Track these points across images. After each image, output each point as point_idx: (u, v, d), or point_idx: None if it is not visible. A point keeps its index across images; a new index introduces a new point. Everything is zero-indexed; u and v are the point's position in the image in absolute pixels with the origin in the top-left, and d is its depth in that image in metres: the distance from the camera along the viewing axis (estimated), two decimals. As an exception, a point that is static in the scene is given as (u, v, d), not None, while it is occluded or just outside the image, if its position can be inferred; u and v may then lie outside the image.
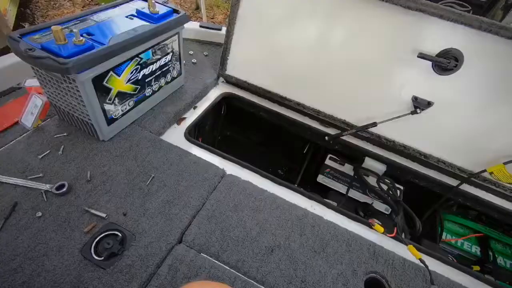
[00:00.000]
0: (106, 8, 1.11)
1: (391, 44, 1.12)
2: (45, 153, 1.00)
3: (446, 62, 1.04)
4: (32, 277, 0.73)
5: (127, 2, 1.18)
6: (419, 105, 1.16)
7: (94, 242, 0.81)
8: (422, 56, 1.05)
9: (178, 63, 1.30)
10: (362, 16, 1.11)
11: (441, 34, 1.04)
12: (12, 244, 0.78)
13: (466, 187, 1.27)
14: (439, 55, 1.06)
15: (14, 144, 1.02)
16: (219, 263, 0.84)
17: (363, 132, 1.31)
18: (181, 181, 1.00)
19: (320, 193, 1.32)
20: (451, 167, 1.25)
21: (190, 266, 0.80)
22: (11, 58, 1.21)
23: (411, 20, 1.05)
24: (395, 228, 1.03)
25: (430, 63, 1.09)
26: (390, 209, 1.36)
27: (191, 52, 1.64)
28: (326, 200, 1.14)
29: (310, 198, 1.08)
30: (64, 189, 0.90)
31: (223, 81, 1.54)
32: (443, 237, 1.34)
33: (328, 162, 1.45)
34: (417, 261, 0.93)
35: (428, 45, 1.07)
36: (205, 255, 0.85)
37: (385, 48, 1.14)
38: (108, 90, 0.99)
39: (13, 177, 0.92)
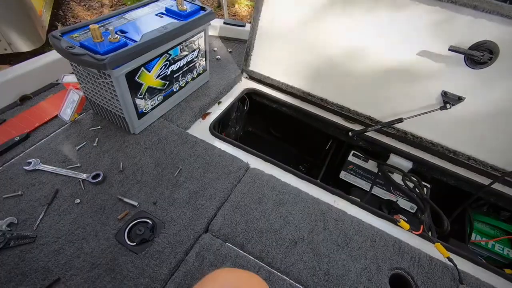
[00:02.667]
0: (137, 7, 1.16)
1: (421, 36, 1.09)
2: (82, 145, 1.07)
3: (479, 55, 1.00)
4: (73, 258, 0.79)
5: (156, 1, 1.22)
6: (449, 100, 1.12)
7: (127, 229, 0.86)
8: (453, 49, 1.02)
9: (203, 59, 1.33)
10: (389, 9, 1.09)
11: (474, 26, 0.99)
12: (55, 227, 0.85)
13: (498, 187, 1.21)
14: (472, 47, 1.02)
15: (54, 136, 1.09)
16: (243, 253, 0.86)
17: (388, 128, 1.29)
18: (207, 173, 1.04)
19: (343, 190, 1.31)
20: (483, 165, 1.20)
21: (216, 254, 0.83)
22: (50, 56, 1.30)
23: (443, 12, 1.01)
24: (422, 226, 1.01)
25: (462, 56, 1.05)
26: (415, 208, 1.33)
27: (215, 49, 1.68)
28: (349, 196, 1.14)
29: (333, 193, 1.08)
30: (100, 179, 0.96)
31: (246, 77, 1.56)
32: (472, 237, 1.29)
33: (351, 158, 1.43)
34: (445, 260, 0.91)
35: (460, 37, 1.03)
36: (230, 245, 0.87)
37: (414, 41, 1.10)
38: (139, 85, 1.04)
39: (54, 166, 0.99)
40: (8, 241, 0.79)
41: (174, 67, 1.16)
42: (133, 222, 0.88)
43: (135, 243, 0.84)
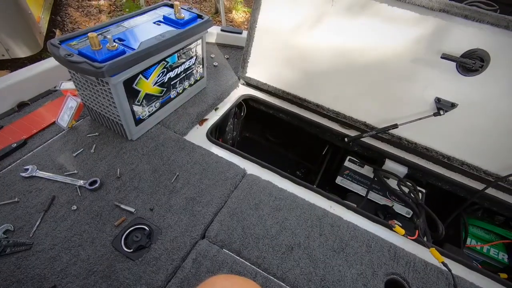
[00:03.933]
0: (135, 15, 1.17)
1: (414, 44, 1.11)
2: (79, 151, 1.07)
3: (471, 63, 1.02)
4: (69, 265, 0.79)
5: (154, 9, 1.24)
6: (443, 106, 1.14)
7: (124, 235, 0.87)
8: (446, 57, 1.04)
9: (201, 66, 1.35)
10: (384, 17, 1.11)
11: (466, 35, 1.02)
12: (51, 234, 0.85)
13: (492, 191, 1.23)
14: (464, 55, 1.04)
15: (51, 143, 1.09)
16: (240, 259, 0.86)
17: (383, 134, 1.31)
18: (204, 180, 1.04)
19: (339, 195, 1.32)
20: (476, 170, 1.21)
21: (213, 260, 0.84)
22: (48, 63, 1.31)
23: (435, 21, 1.04)
24: (417, 231, 1.02)
25: (454, 64, 1.07)
26: (411, 212, 1.34)
27: (212, 56, 1.69)
28: (345, 201, 1.15)
29: (329, 198, 1.09)
30: (96, 185, 0.97)
31: (243, 83, 1.58)
32: (468, 242, 1.30)
33: (347, 163, 1.45)
34: (440, 265, 0.92)
35: (452, 45, 1.05)
36: (227, 251, 0.88)
37: (408, 49, 1.13)
38: (137, 92, 1.05)
39: (51, 173, 0.99)
40: (4, 248, 0.79)
41: (172, 74, 1.18)
42: (130, 229, 0.88)
43: (131, 250, 0.84)
